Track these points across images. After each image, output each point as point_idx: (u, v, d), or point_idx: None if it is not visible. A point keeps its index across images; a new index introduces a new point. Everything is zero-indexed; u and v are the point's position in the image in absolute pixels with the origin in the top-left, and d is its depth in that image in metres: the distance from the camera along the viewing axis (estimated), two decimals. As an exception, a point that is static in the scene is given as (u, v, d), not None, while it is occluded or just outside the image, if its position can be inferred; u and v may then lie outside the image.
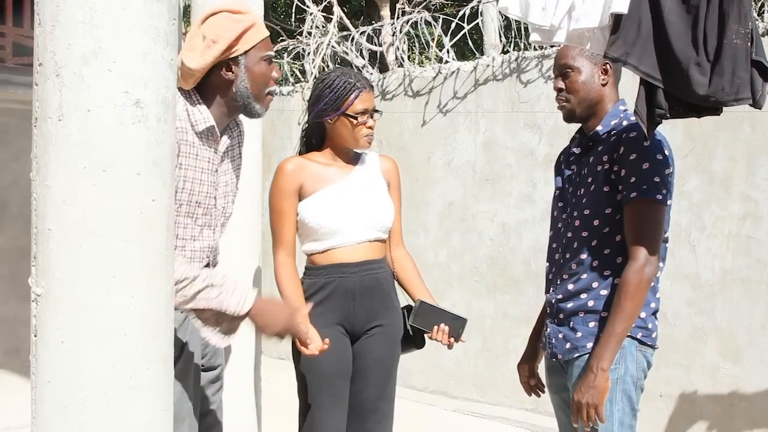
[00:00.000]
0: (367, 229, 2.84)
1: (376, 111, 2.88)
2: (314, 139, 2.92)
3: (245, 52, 2.36)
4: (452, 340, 2.83)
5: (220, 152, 2.42)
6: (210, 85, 2.36)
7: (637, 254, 2.32)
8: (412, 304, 2.88)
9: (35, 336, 1.60)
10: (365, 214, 2.84)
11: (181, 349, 2.28)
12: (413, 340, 2.93)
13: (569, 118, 2.57)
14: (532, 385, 2.80)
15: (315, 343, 2.66)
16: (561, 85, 2.54)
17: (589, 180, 2.47)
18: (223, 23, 2.33)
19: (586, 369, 2.36)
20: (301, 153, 2.94)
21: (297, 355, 2.76)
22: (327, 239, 2.82)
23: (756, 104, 2.06)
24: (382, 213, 2.88)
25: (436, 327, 2.81)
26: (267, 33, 2.43)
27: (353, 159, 2.93)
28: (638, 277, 2.30)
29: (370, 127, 2.84)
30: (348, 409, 2.84)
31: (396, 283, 2.96)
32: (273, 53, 2.47)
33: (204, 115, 2.33)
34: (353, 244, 2.82)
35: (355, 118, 2.81)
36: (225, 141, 2.44)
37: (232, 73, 2.36)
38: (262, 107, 2.45)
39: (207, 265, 2.46)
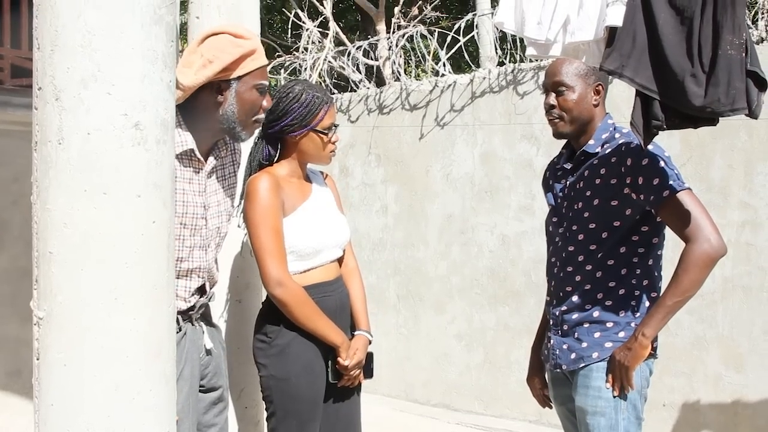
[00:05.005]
0: (337, 248, 2.82)
1: (337, 125, 2.81)
2: (267, 153, 2.79)
3: (239, 78, 2.34)
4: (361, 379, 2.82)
5: (205, 172, 2.40)
6: (197, 104, 2.34)
7: (693, 235, 2.31)
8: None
9: (38, 359, 1.60)
10: (337, 232, 2.81)
11: (176, 371, 2.26)
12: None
13: (559, 135, 2.58)
14: (546, 396, 2.79)
15: None
16: (553, 102, 2.54)
17: (588, 194, 2.48)
18: (223, 45, 2.32)
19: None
20: (261, 168, 2.77)
21: (286, 380, 2.67)
22: (309, 259, 2.72)
23: (752, 114, 2.07)
24: (346, 230, 2.87)
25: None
26: (265, 62, 2.41)
27: (307, 175, 2.85)
28: (697, 253, 2.30)
29: (334, 143, 2.79)
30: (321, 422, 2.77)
31: None
32: (267, 83, 2.45)
33: (182, 138, 2.29)
34: (328, 263, 2.77)
35: (325, 134, 2.73)
36: (211, 162, 2.42)
37: (222, 95, 2.34)
38: (247, 133, 2.43)
39: (202, 286, 2.45)
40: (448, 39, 5.80)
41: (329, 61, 6.80)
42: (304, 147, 2.75)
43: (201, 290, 2.44)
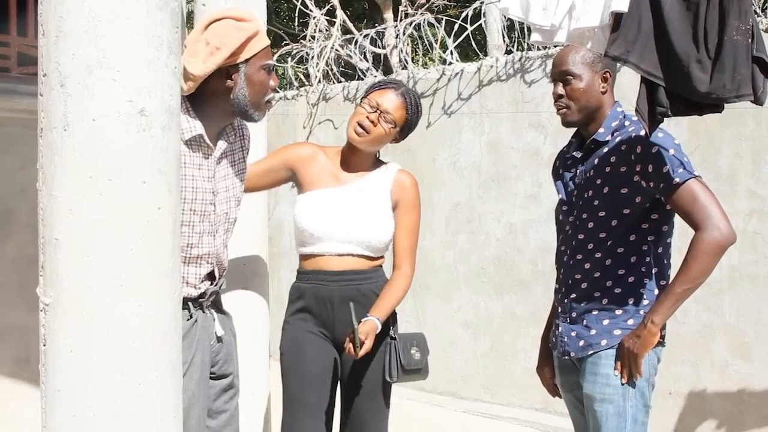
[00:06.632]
0: (350, 244, 2.80)
1: (385, 113, 2.82)
2: None
3: (246, 60, 2.35)
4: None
5: (214, 157, 2.41)
6: (207, 91, 2.34)
7: (702, 223, 2.30)
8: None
9: (44, 345, 1.61)
10: (349, 229, 2.79)
11: (187, 358, 2.27)
12: (419, 369, 2.86)
13: (568, 124, 2.58)
14: (556, 385, 2.78)
15: None
16: (561, 91, 2.54)
17: (598, 182, 2.48)
18: (227, 30, 2.33)
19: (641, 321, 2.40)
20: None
21: (281, 356, 2.83)
22: (310, 244, 2.81)
23: (757, 101, 2.07)
24: (370, 231, 2.81)
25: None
26: (268, 42, 2.43)
27: (366, 167, 2.89)
28: (706, 241, 2.29)
29: (367, 118, 2.80)
30: (340, 423, 2.84)
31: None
32: (273, 62, 2.46)
33: (190, 124, 2.31)
34: (333, 255, 2.79)
35: (359, 105, 2.85)
36: (221, 146, 2.43)
37: (232, 80, 2.35)
38: (260, 114, 2.44)
39: (211, 272, 2.46)
40: (456, 27, 5.79)
41: (336, 50, 6.80)
42: None
43: (211, 276, 2.45)
